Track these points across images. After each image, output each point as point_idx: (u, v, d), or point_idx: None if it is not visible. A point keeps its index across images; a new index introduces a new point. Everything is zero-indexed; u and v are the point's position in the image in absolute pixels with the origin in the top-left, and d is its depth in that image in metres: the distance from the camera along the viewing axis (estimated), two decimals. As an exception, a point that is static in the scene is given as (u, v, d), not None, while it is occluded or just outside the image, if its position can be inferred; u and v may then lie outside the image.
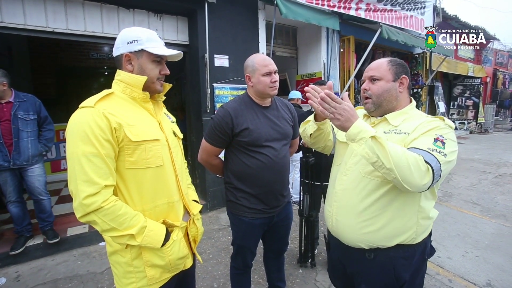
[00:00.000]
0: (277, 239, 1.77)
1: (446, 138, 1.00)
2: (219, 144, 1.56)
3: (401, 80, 1.14)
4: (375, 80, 1.16)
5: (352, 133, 0.96)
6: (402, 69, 1.16)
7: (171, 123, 1.20)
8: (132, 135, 0.94)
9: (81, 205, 0.86)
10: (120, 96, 1.01)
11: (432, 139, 0.99)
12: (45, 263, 2.61)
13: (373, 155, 0.93)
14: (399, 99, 1.15)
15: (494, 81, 13.89)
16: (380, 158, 0.91)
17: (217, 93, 3.71)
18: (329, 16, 4.36)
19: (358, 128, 0.95)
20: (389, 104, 1.15)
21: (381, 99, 1.15)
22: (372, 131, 0.95)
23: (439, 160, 0.94)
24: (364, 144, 0.94)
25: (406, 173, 0.90)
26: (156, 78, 1.05)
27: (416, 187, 0.91)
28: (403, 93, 1.16)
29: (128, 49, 1.00)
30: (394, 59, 1.18)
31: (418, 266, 1.11)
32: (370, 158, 0.94)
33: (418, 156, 0.92)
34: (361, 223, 1.11)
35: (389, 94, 1.14)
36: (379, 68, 1.16)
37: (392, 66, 1.15)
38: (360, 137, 0.95)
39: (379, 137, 0.93)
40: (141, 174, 0.98)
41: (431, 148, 0.96)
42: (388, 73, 1.14)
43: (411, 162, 0.90)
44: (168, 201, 1.05)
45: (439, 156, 0.95)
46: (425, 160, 0.92)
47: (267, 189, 1.55)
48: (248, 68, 1.55)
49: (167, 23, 3.66)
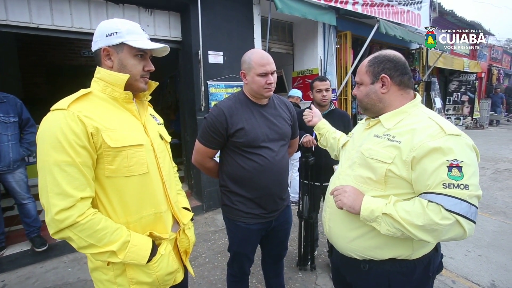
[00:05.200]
0: (276, 244, 1.68)
1: (460, 158, 0.82)
2: (213, 145, 1.46)
3: (382, 80, 1.01)
4: (359, 84, 1.09)
5: (367, 215, 0.92)
6: (383, 66, 1.02)
7: (158, 125, 1.10)
8: (111, 141, 0.84)
9: (54, 221, 0.76)
10: (99, 96, 0.91)
11: (445, 169, 0.83)
12: (33, 271, 2.50)
13: (396, 230, 0.88)
14: (384, 100, 1.03)
15: (489, 77, 13.92)
16: (404, 232, 0.86)
17: (212, 91, 3.61)
18: (325, 11, 4.27)
19: (369, 208, 0.91)
20: (375, 107, 1.06)
21: (363, 103, 1.09)
22: (382, 206, 0.90)
23: (463, 198, 0.81)
24: (382, 222, 0.89)
25: (439, 234, 0.83)
26: (139, 75, 0.95)
27: (459, 239, 0.85)
28: (388, 93, 1.02)
29: (107, 43, 0.90)
30: (375, 57, 1.05)
31: (420, 283, 1.01)
32: (395, 234, 0.89)
33: (437, 207, 0.82)
34: (350, 231, 1.05)
35: (369, 98, 1.06)
36: (359, 71, 1.09)
37: (370, 66, 1.04)
38: (375, 216, 0.90)
39: (390, 213, 0.87)
40: (123, 183, 0.88)
41: (447, 183, 0.82)
42: (365, 76, 1.05)
43: (437, 220, 0.81)
44: (155, 211, 0.96)
45: (461, 193, 0.81)
46: (446, 209, 0.81)
47: (265, 192, 1.46)
48: (244, 64, 1.43)
49: (159, 18, 3.54)
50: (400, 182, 0.93)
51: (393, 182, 0.94)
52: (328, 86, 2.19)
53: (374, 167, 0.98)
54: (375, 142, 1.01)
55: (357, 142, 1.13)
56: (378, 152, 0.97)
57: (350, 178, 1.07)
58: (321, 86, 2.18)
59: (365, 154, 1.02)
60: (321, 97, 2.19)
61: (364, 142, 1.07)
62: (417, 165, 0.88)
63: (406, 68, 1.03)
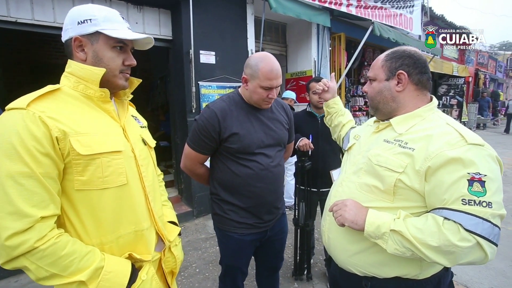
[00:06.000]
0: (272, 255, 1.56)
1: (483, 172, 0.72)
2: (204, 150, 1.33)
3: (398, 76, 0.92)
4: (371, 80, 0.99)
5: (371, 231, 0.81)
6: (401, 62, 0.93)
7: (141, 129, 0.97)
8: (82, 147, 0.70)
9: (4, 248, 0.62)
10: (69, 94, 0.77)
11: (465, 182, 0.73)
12: (7, 285, 2.29)
13: (405, 249, 0.77)
14: (398, 100, 0.93)
15: (476, 81, 14.23)
16: (416, 252, 0.75)
17: (203, 92, 3.48)
18: (320, 12, 4.22)
19: (375, 223, 0.81)
20: (387, 107, 0.96)
21: (375, 102, 0.98)
22: (390, 222, 0.78)
23: (485, 218, 0.71)
24: (389, 239, 0.78)
25: (456, 258, 0.72)
26: (118, 70, 0.82)
27: (479, 263, 0.75)
28: (404, 92, 0.93)
29: (79, 31, 0.76)
30: (393, 51, 0.96)
31: None
32: (403, 254, 0.78)
33: (455, 226, 0.71)
34: (351, 244, 0.94)
35: (381, 96, 0.95)
36: (374, 66, 0.99)
37: (387, 61, 0.95)
38: (382, 232, 0.79)
39: (400, 230, 0.76)
40: (97, 197, 0.74)
41: (467, 199, 0.72)
42: (380, 71, 0.95)
43: (454, 241, 0.70)
44: (136, 229, 0.82)
45: (483, 211, 0.71)
46: (466, 229, 0.70)
47: (259, 201, 1.34)
48: (249, 68, 1.27)
49: (148, 16, 3.39)
50: (411, 194, 0.83)
51: (403, 194, 0.84)
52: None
53: (382, 175, 0.88)
54: (384, 148, 0.91)
55: (364, 147, 1.03)
56: (387, 159, 0.87)
57: (355, 185, 0.96)
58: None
59: (373, 161, 0.92)
60: (317, 99, 2.09)
61: (372, 147, 0.97)
62: (432, 176, 0.78)
63: (426, 67, 0.94)
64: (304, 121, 2.20)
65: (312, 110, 2.19)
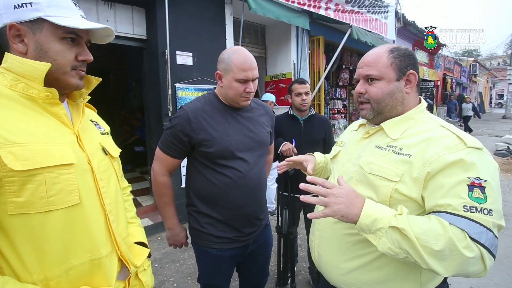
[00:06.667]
0: (255, 271, 1.45)
1: (484, 177, 0.68)
2: (174, 153, 1.21)
3: (408, 77, 0.85)
4: (373, 80, 0.86)
5: (364, 224, 0.70)
6: (409, 61, 0.85)
7: (101, 136, 0.82)
8: (16, 161, 0.56)
9: None
10: (4, 94, 0.62)
11: (465, 187, 0.68)
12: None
13: (400, 251, 0.68)
14: (406, 102, 0.86)
15: (444, 85, 15.07)
16: (411, 255, 0.66)
17: (180, 94, 3.32)
18: (299, 15, 4.22)
19: (372, 215, 0.70)
20: (393, 111, 0.86)
21: (382, 105, 0.85)
22: (390, 218, 0.69)
23: (488, 227, 0.65)
24: (384, 236, 0.69)
25: (453, 266, 0.65)
26: (69, 66, 0.68)
27: (474, 277, 0.68)
28: (410, 93, 0.86)
29: (16, 17, 0.62)
30: (396, 48, 0.87)
31: None
32: (396, 254, 0.69)
33: (462, 234, 0.65)
34: (345, 262, 0.86)
35: (392, 98, 0.85)
36: (377, 62, 0.85)
37: (395, 59, 0.84)
38: (377, 228, 0.69)
39: (402, 227, 0.66)
40: (39, 222, 0.60)
41: (468, 206, 0.66)
42: (389, 70, 0.84)
43: (460, 247, 0.64)
44: (92, 257, 0.68)
45: (486, 219, 0.66)
46: (471, 238, 0.64)
47: (238, 212, 1.23)
48: (222, 63, 1.18)
49: (120, 13, 3.19)
50: (407, 205, 0.76)
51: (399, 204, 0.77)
52: (308, 89, 2.03)
53: (376, 185, 0.80)
54: (377, 155, 0.84)
55: (353, 154, 0.95)
56: (381, 168, 0.80)
57: None
58: (300, 89, 2.02)
59: (365, 169, 0.84)
60: (300, 101, 2.02)
61: (362, 154, 0.89)
62: (431, 181, 0.71)
63: None
64: (287, 124, 2.13)
65: (295, 113, 2.12)
